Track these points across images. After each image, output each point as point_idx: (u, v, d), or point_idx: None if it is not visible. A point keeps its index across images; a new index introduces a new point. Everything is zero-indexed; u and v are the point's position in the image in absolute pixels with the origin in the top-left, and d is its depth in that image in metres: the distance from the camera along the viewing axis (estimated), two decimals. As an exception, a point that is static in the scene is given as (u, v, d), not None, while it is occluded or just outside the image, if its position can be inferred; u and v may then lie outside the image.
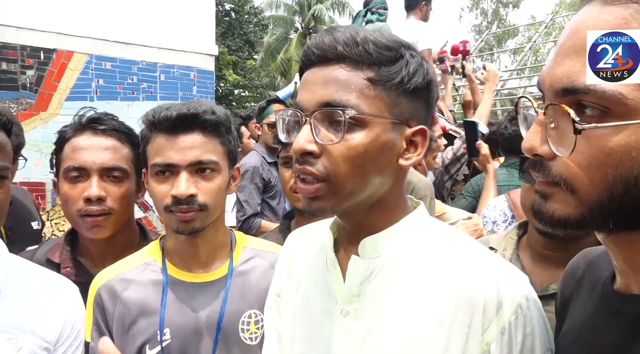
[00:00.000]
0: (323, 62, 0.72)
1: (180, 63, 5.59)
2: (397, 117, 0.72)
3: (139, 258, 1.16)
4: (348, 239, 0.81)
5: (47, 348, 1.02)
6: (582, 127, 0.50)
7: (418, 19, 4.22)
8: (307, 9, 23.04)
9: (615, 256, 0.60)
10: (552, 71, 0.55)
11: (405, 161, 0.74)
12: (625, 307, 0.59)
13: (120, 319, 1.07)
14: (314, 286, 0.85)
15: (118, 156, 1.25)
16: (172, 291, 1.09)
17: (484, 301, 0.69)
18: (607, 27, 0.49)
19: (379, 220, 0.77)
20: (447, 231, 0.81)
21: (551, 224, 0.57)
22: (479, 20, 27.70)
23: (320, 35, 0.74)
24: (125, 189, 1.26)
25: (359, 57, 0.70)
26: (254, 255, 1.18)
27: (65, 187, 1.24)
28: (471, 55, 9.81)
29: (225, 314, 1.07)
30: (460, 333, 0.69)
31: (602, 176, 0.51)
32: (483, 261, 0.74)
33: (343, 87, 0.70)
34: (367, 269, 0.76)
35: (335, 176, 0.70)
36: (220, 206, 1.10)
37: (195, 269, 1.12)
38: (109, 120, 1.29)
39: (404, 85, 0.71)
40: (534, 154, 0.57)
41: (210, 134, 1.06)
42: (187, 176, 1.03)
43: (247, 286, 1.12)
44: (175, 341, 1.05)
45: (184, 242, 1.10)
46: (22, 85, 4.50)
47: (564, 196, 0.55)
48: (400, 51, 0.72)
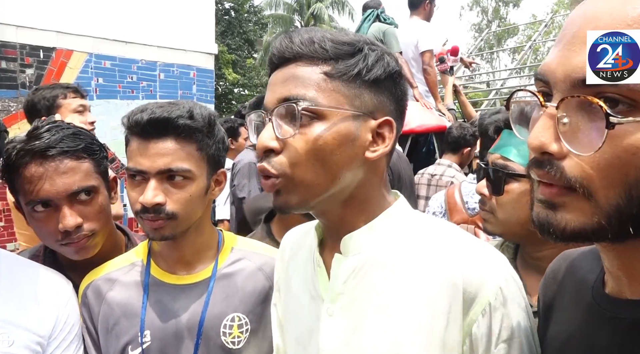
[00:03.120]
0: (283, 63, 0.74)
1: (179, 62, 5.59)
2: (358, 109, 0.72)
3: (126, 259, 1.15)
4: (331, 238, 0.81)
5: (40, 343, 1.01)
6: (618, 121, 0.45)
7: (421, 18, 4.23)
8: (307, 8, 23.02)
9: (610, 261, 0.57)
10: (568, 60, 0.50)
11: (372, 153, 0.73)
12: (620, 312, 0.56)
13: (105, 319, 1.07)
14: (303, 287, 0.85)
15: (80, 172, 1.13)
16: (154, 292, 1.08)
17: (464, 284, 0.69)
18: (636, 15, 0.46)
19: (357, 216, 0.77)
20: (427, 221, 0.80)
21: (563, 238, 0.51)
22: (479, 18, 27.71)
23: (280, 39, 0.75)
24: (99, 205, 1.17)
25: (314, 53, 0.71)
26: (241, 257, 1.15)
27: (34, 221, 1.13)
28: (471, 54, 9.79)
29: (206, 317, 1.05)
30: (443, 319, 0.69)
31: (623, 177, 0.47)
32: (462, 246, 0.73)
33: (300, 82, 0.71)
34: (350, 266, 0.76)
35: (291, 170, 0.71)
36: (194, 213, 1.05)
37: (179, 271, 1.11)
38: (54, 142, 1.11)
39: (362, 77, 0.71)
40: (542, 152, 0.51)
41: (184, 140, 1.01)
42: (156, 184, 0.99)
43: (232, 289, 1.09)
44: (155, 343, 1.03)
45: (166, 245, 1.09)
46: (22, 84, 4.49)
47: (579, 204, 0.50)
48: (358, 45, 0.72)
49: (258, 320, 1.08)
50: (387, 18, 4.26)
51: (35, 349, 1.00)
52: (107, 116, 4.82)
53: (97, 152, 1.19)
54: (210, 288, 1.09)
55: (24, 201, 1.12)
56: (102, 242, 1.19)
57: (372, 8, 4.30)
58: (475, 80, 12.61)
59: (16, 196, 1.15)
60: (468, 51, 11.21)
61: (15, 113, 4.44)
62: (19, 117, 4.45)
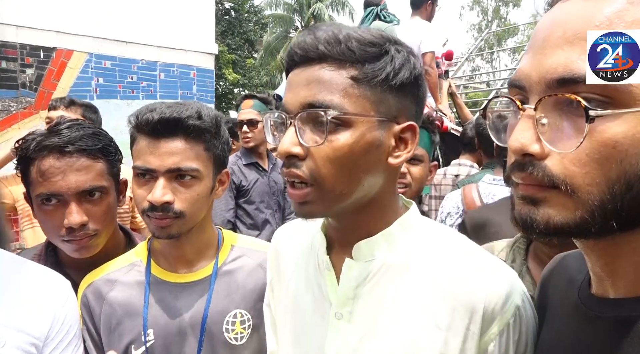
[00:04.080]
0: (306, 62, 0.71)
1: (180, 62, 5.59)
2: (383, 115, 0.70)
3: (125, 259, 1.15)
4: (340, 240, 0.79)
5: (34, 344, 0.99)
6: (597, 113, 0.46)
7: (423, 18, 4.22)
8: (307, 8, 23.02)
9: (593, 262, 0.57)
10: (540, 64, 0.51)
11: (395, 159, 0.72)
12: (603, 312, 0.56)
13: (107, 319, 1.07)
14: (304, 287, 0.83)
15: (94, 172, 1.15)
16: (156, 291, 1.08)
17: (485, 303, 0.68)
18: (601, 17, 0.48)
19: (372, 221, 0.76)
20: (441, 231, 0.80)
21: (546, 233, 0.51)
22: (479, 18, 27.71)
23: (303, 35, 0.72)
24: (107, 206, 1.19)
25: (341, 56, 0.68)
26: (241, 254, 1.16)
27: (41, 213, 1.15)
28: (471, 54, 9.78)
29: (209, 314, 1.06)
30: (459, 336, 0.69)
31: (606, 172, 0.47)
32: (479, 262, 0.73)
33: (326, 87, 0.68)
34: (362, 272, 0.75)
35: (321, 179, 0.69)
36: (200, 212, 1.06)
37: (180, 269, 1.11)
38: (73, 139, 1.14)
39: (389, 81, 0.69)
40: (523, 155, 0.52)
41: (193, 140, 1.02)
42: (165, 183, 1.00)
43: (233, 286, 1.11)
44: (158, 341, 1.04)
45: (168, 243, 1.09)
46: (22, 83, 4.50)
47: (561, 199, 0.50)
48: (384, 47, 0.70)
49: (260, 316, 1.09)
50: (387, 16, 4.24)
51: (29, 351, 0.99)
52: (107, 116, 4.79)
53: (112, 154, 1.21)
54: (212, 285, 1.10)
55: (35, 193, 1.14)
56: (103, 243, 1.20)
57: (373, 6, 4.29)
58: (476, 80, 12.61)
59: (28, 187, 1.18)
60: (468, 51, 11.20)
61: (16, 113, 4.45)
62: (19, 117, 4.45)
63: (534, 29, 0.57)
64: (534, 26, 0.72)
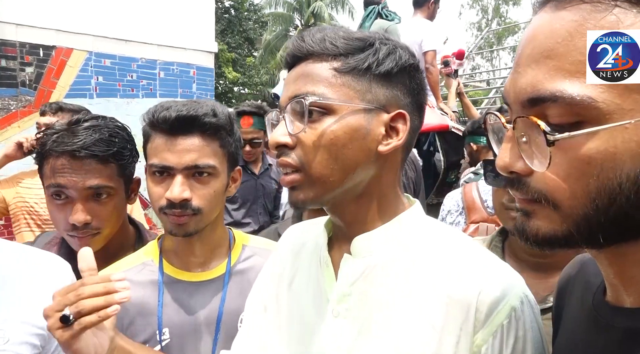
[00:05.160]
0: (296, 62, 0.75)
1: (179, 60, 5.58)
2: (369, 103, 0.71)
3: (136, 258, 1.16)
4: (341, 237, 0.80)
5: (40, 335, 0.99)
6: (554, 138, 0.47)
7: (424, 17, 4.22)
8: (307, 6, 22.99)
9: (606, 269, 0.57)
10: (515, 82, 0.52)
11: (385, 146, 0.73)
12: (615, 321, 0.55)
13: (119, 319, 1.06)
14: (306, 284, 0.84)
15: (103, 174, 1.19)
16: (170, 290, 1.09)
17: (477, 303, 0.68)
18: (563, 32, 0.48)
19: (370, 215, 0.76)
20: (442, 229, 0.79)
21: (537, 243, 0.53)
22: (479, 17, 27.68)
23: (293, 39, 0.76)
24: (113, 207, 1.23)
25: (325, 50, 0.72)
26: (253, 253, 1.17)
27: (51, 205, 1.22)
28: (471, 52, 9.76)
29: (224, 312, 1.07)
30: (452, 335, 0.68)
31: (584, 186, 0.47)
32: (477, 261, 0.72)
33: (310, 79, 0.72)
34: (359, 268, 0.75)
35: (308, 164, 0.71)
36: (216, 209, 1.08)
37: (193, 268, 1.12)
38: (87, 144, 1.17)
39: (372, 71, 0.71)
40: (509, 172, 0.53)
41: (209, 137, 1.04)
42: (183, 180, 1.01)
43: (246, 285, 1.10)
44: (174, 340, 1.05)
45: (181, 242, 1.10)
46: (22, 82, 4.49)
47: (548, 213, 0.51)
48: (369, 40, 0.73)
49: None
50: (388, 14, 4.24)
51: (34, 344, 0.98)
52: (107, 114, 4.80)
53: (126, 157, 1.24)
54: (226, 284, 1.10)
55: (45, 184, 1.20)
56: (105, 240, 1.24)
57: (374, 4, 4.28)
58: (476, 79, 12.60)
59: (42, 179, 1.24)
60: (468, 50, 11.20)
61: (15, 111, 4.44)
62: (18, 115, 4.45)
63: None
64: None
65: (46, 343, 1.01)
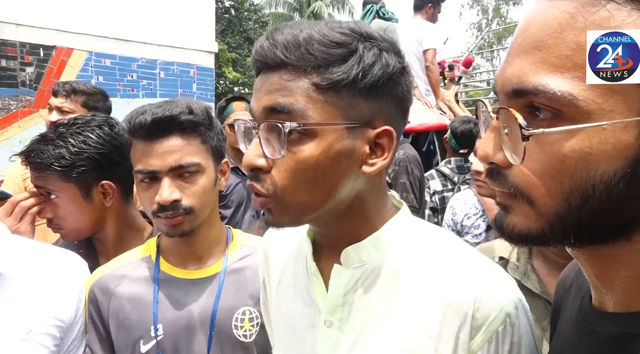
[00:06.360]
0: (267, 69, 0.65)
1: (180, 60, 5.59)
2: (353, 121, 0.64)
3: (134, 255, 1.17)
4: (327, 246, 0.76)
5: (60, 327, 1.03)
6: (529, 133, 0.46)
7: (424, 19, 4.25)
8: (307, 6, 23.00)
9: (587, 271, 0.55)
10: (503, 72, 0.51)
11: (369, 167, 0.66)
12: (598, 326, 0.54)
13: (115, 314, 1.08)
14: (293, 293, 0.81)
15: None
16: (165, 287, 1.10)
17: (473, 309, 0.66)
18: (554, 23, 0.47)
19: (357, 226, 0.72)
20: (433, 233, 0.76)
21: (512, 239, 0.52)
22: (479, 17, 27.68)
23: (261, 40, 0.66)
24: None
25: (300, 61, 0.62)
26: (250, 252, 1.17)
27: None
28: (471, 52, 9.77)
29: (218, 310, 1.07)
30: (449, 344, 0.67)
31: (558, 185, 0.46)
32: (471, 267, 0.71)
33: (287, 92, 0.63)
34: (352, 279, 0.72)
35: (283, 191, 0.65)
36: (208, 205, 1.08)
37: (190, 265, 1.12)
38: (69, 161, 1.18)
39: (358, 84, 0.63)
40: (489, 162, 0.52)
41: (189, 135, 1.04)
42: (169, 182, 1.01)
43: (242, 283, 1.11)
44: (168, 337, 1.05)
45: (177, 240, 1.10)
46: (22, 82, 4.50)
47: (524, 208, 0.50)
48: (351, 46, 0.63)
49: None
50: (386, 13, 4.25)
51: (54, 335, 1.02)
52: (107, 115, 4.80)
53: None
54: (221, 282, 1.11)
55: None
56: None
57: (372, 3, 4.30)
58: (476, 79, 12.61)
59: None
60: (468, 50, 11.20)
61: (15, 111, 4.45)
62: (19, 115, 4.45)
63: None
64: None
65: (65, 335, 1.05)
